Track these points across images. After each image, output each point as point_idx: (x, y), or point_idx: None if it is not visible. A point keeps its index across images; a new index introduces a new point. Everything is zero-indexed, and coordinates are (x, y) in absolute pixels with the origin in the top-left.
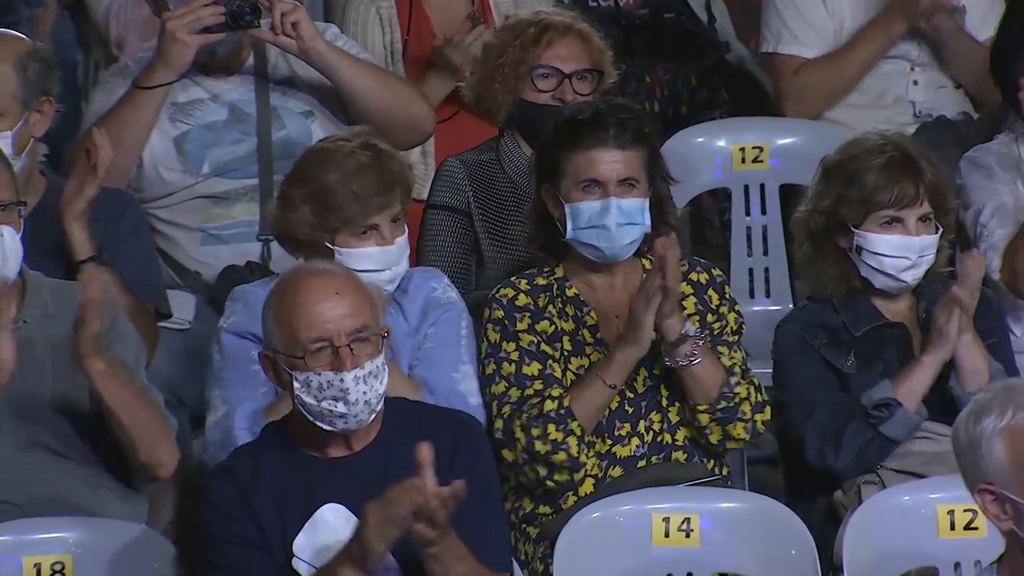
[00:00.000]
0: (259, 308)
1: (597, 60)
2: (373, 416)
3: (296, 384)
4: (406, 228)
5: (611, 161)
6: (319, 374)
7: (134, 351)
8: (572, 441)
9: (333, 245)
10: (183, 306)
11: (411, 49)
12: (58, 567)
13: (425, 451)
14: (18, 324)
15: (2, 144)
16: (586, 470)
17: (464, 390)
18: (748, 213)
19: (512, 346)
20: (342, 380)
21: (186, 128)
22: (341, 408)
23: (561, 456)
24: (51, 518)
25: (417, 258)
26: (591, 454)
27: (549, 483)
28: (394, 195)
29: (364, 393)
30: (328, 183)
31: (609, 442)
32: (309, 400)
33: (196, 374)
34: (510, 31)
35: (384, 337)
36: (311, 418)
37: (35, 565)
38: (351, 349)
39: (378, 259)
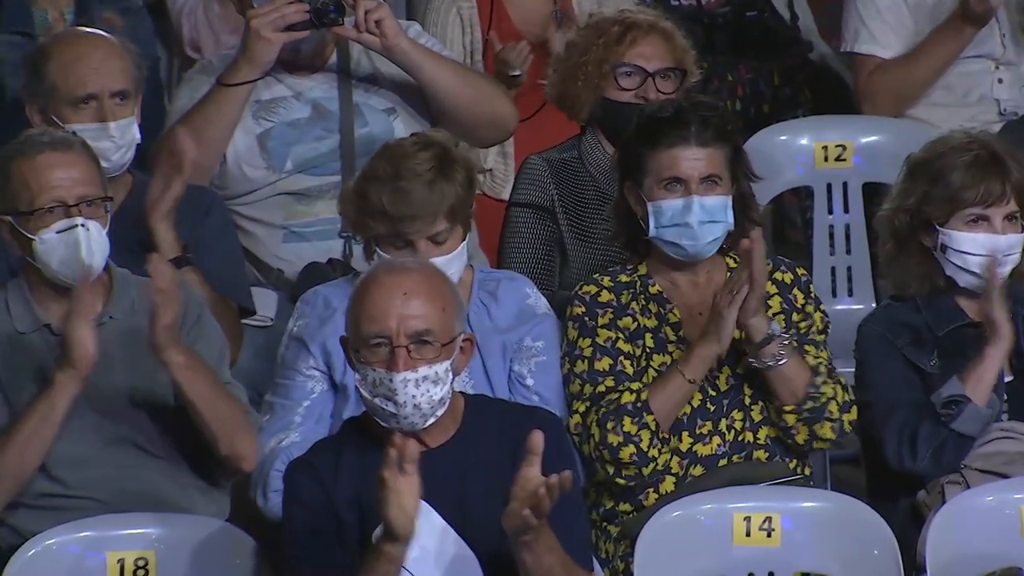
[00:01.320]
0: (327, 312)
1: (680, 59)
2: (429, 421)
3: (357, 375)
4: (459, 241)
5: (693, 159)
6: (374, 369)
7: (217, 348)
8: (645, 435)
9: (376, 246)
10: (265, 303)
11: (491, 49)
12: (141, 563)
13: (537, 439)
14: (103, 320)
15: (135, 131)
16: (657, 466)
17: None
18: (830, 211)
19: (587, 342)
20: (391, 380)
21: (269, 125)
22: (391, 408)
23: (630, 449)
24: (134, 514)
25: (500, 256)
26: (665, 450)
27: (619, 480)
28: (432, 221)
29: (414, 397)
30: (371, 198)
31: (690, 440)
32: (365, 393)
33: None
34: (593, 29)
35: (447, 344)
36: (370, 411)
37: (119, 561)
38: (408, 351)
39: None
